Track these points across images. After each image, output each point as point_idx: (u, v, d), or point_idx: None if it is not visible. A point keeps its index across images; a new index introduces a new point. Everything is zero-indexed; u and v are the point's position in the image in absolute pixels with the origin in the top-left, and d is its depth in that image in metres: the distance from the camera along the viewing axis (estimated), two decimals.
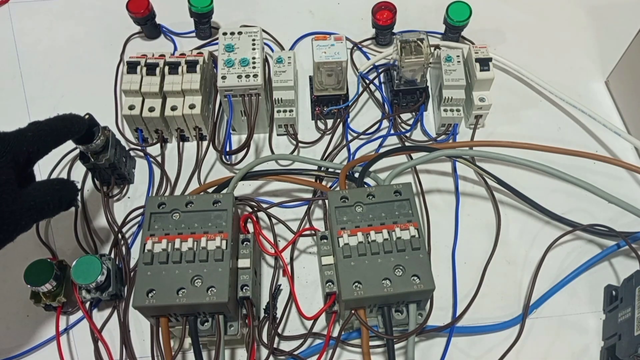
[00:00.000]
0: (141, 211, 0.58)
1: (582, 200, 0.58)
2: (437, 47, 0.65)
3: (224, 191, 0.54)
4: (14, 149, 0.43)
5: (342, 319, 0.49)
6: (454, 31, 0.68)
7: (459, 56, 0.61)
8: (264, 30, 0.69)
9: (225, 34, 0.59)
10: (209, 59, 0.63)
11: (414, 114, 0.65)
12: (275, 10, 0.74)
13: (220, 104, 0.64)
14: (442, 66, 0.60)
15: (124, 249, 0.55)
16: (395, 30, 0.68)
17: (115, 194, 0.60)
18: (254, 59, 0.57)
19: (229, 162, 0.61)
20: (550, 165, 0.54)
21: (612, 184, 0.59)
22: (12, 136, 0.44)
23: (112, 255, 0.55)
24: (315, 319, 0.51)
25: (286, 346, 0.51)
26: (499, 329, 0.53)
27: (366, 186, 0.52)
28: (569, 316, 0.54)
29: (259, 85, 0.56)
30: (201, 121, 0.60)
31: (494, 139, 0.59)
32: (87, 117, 0.51)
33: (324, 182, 0.59)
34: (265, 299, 0.53)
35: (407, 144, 0.63)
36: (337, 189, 0.54)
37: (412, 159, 0.61)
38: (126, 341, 0.51)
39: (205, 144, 0.61)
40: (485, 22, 0.71)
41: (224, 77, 0.56)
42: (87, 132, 0.51)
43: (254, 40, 0.59)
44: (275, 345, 0.51)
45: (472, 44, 0.69)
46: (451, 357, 0.52)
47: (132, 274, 0.54)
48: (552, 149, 0.55)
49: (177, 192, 0.60)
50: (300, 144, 0.63)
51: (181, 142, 0.63)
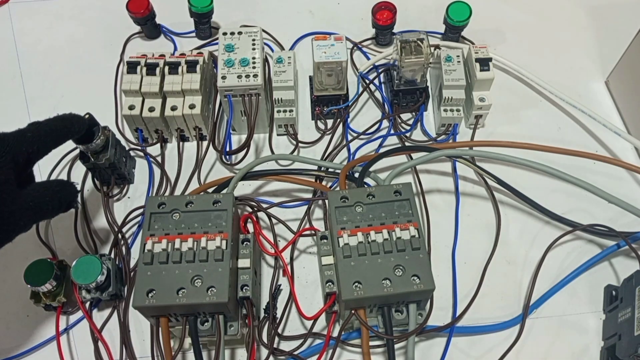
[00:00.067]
0: (141, 211, 0.58)
1: (582, 200, 0.58)
2: (437, 47, 0.65)
3: (224, 191, 0.54)
4: (14, 150, 0.43)
5: (342, 319, 0.49)
6: (454, 31, 0.68)
7: (459, 56, 0.61)
8: (264, 30, 0.69)
9: (225, 34, 0.59)
10: (209, 59, 0.63)
11: (414, 114, 0.65)
12: (275, 10, 0.74)
13: (220, 104, 0.64)
14: (442, 66, 0.60)
15: (124, 249, 0.55)
16: (395, 30, 0.68)
17: (115, 194, 0.60)
18: (254, 59, 0.57)
19: (229, 162, 0.61)
20: (550, 165, 0.54)
21: (612, 184, 0.59)
22: (11, 137, 0.44)
23: (112, 255, 0.55)
24: (315, 319, 0.51)
25: (286, 346, 0.51)
26: (499, 329, 0.53)
27: (366, 186, 0.52)
28: (569, 316, 0.54)
29: (259, 85, 0.56)
30: (201, 121, 0.60)
31: (494, 139, 0.59)
32: (87, 116, 0.51)
33: (324, 182, 0.59)
34: (265, 299, 0.53)
35: (407, 144, 0.63)
36: (337, 189, 0.54)
37: (412, 159, 0.61)
38: (126, 341, 0.51)
39: (205, 144, 0.61)
40: (485, 22, 0.71)
41: (224, 77, 0.56)
42: (87, 131, 0.51)
43: (254, 40, 0.59)
44: (275, 345, 0.51)
45: (472, 44, 0.69)
46: (451, 357, 0.52)
47: (132, 274, 0.54)
48: (552, 149, 0.55)
49: (177, 192, 0.60)
50: (300, 144, 0.63)
51: (181, 142, 0.63)
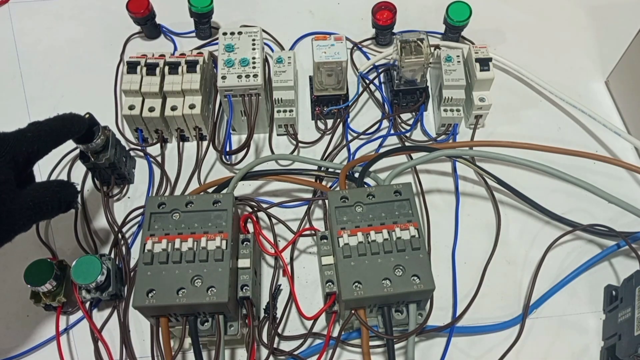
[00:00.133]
0: (141, 211, 0.58)
1: (582, 200, 0.58)
2: (437, 47, 0.65)
3: (224, 191, 0.54)
4: (14, 150, 0.43)
5: (342, 319, 0.49)
6: (454, 31, 0.68)
7: (459, 56, 0.61)
8: (264, 30, 0.69)
9: (225, 34, 0.59)
10: (209, 59, 0.63)
11: (414, 114, 0.65)
12: (275, 10, 0.74)
13: (220, 104, 0.64)
14: (442, 66, 0.60)
15: (124, 249, 0.55)
16: (395, 30, 0.68)
17: (115, 193, 0.60)
18: (254, 59, 0.57)
19: (229, 162, 0.61)
20: (550, 165, 0.54)
21: (612, 184, 0.59)
22: (11, 136, 0.44)
23: (112, 255, 0.55)
24: (315, 319, 0.51)
25: (286, 346, 0.51)
26: (499, 329, 0.53)
27: (366, 186, 0.52)
28: (569, 316, 0.54)
29: (259, 85, 0.56)
30: (201, 121, 0.60)
31: (494, 139, 0.59)
32: (87, 116, 0.51)
33: (324, 182, 0.59)
34: (265, 299, 0.53)
35: (407, 144, 0.63)
36: (337, 189, 0.54)
37: (412, 159, 0.61)
38: (126, 341, 0.51)
39: (205, 144, 0.61)
40: (485, 22, 0.71)
41: (224, 77, 0.56)
42: (88, 131, 0.51)
43: (254, 40, 0.59)
44: (275, 345, 0.51)
45: (472, 44, 0.69)
46: (451, 357, 0.52)
47: (132, 274, 0.54)
48: (552, 149, 0.55)
49: (177, 192, 0.60)
50: (300, 144, 0.63)
51: (181, 142, 0.63)
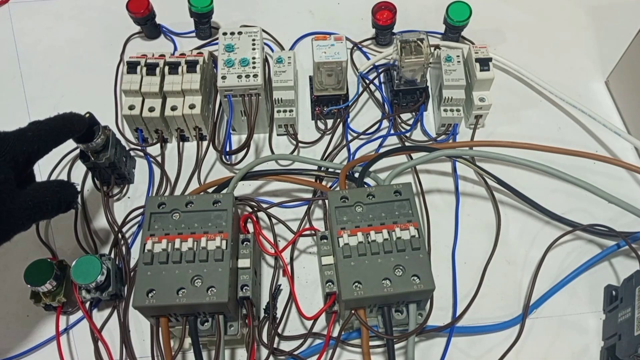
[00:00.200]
0: (141, 211, 0.58)
1: (582, 200, 0.58)
2: (437, 47, 0.65)
3: (224, 191, 0.54)
4: (14, 149, 0.43)
5: (342, 319, 0.49)
6: (454, 31, 0.68)
7: (459, 56, 0.61)
8: (264, 30, 0.69)
9: (225, 34, 0.59)
10: (209, 59, 0.63)
11: (414, 114, 0.65)
12: (275, 10, 0.74)
13: (220, 104, 0.64)
14: (442, 66, 0.60)
15: (124, 249, 0.55)
16: (395, 30, 0.68)
17: (115, 193, 0.60)
18: (254, 59, 0.57)
19: (229, 162, 0.61)
20: (550, 165, 0.54)
21: (612, 184, 0.59)
22: (12, 136, 0.44)
23: (112, 255, 0.55)
24: (315, 319, 0.51)
25: (286, 346, 0.51)
26: (499, 329, 0.53)
27: (366, 186, 0.52)
28: (569, 316, 0.54)
29: (259, 85, 0.56)
30: (201, 121, 0.60)
31: (494, 139, 0.59)
32: (88, 115, 0.51)
33: (324, 182, 0.59)
34: (265, 299, 0.53)
35: (407, 144, 0.63)
36: (337, 189, 0.54)
37: (412, 159, 0.61)
38: (126, 341, 0.51)
39: (205, 144, 0.61)
40: (485, 22, 0.71)
41: (224, 77, 0.56)
42: (88, 130, 0.51)
43: (254, 40, 0.59)
44: (275, 345, 0.51)
45: (472, 44, 0.69)
46: (451, 357, 0.52)
47: (132, 274, 0.54)
48: (552, 149, 0.55)
49: (177, 192, 0.60)
50: (300, 144, 0.63)
51: (181, 142, 0.63)
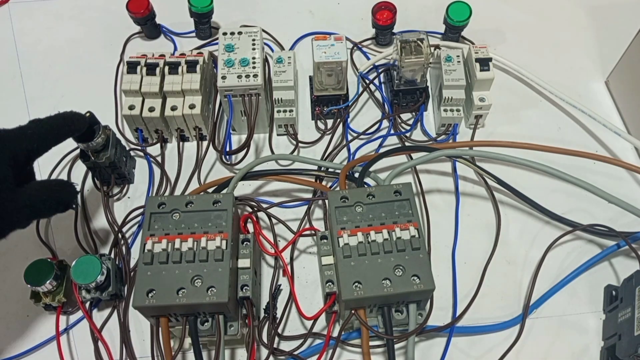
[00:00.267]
0: (141, 211, 0.58)
1: (582, 200, 0.58)
2: (437, 47, 0.65)
3: (224, 191, 0.54)
4: (13, 147, 0.43)
5: (342, 319, 0.49)
6: (454, 31, 0.68)
7: (459, 56, 0.61)
8: (264, 30, 0.69)
9: (225, 34, 0.59)
10: (209, 59, 0.63)
11: (414, 114, 0.65)
12: (275, 10, 0.74)
13: (220, 104, 0.64)
14: (442, 66, 0.60)
15: (124, 249, 0.55)
16: (395, 30, 0.68)
17: (115, 193, 0.60)
18: (254, 59, 0.57)
19: (229, 162, 0.61)
20: (550, 165, 0.54)
21: (612, 184, 0.59)
22: (11, 134, 0.44)
23: (112, 255, 0.55)
24: (315, 319, 0.51)
25: (286, 346, 0.51)
26: (499, 329, 0.53)
27: (366, 186, 0.52)
28: (569, 316, 0.54)
29: (259, 85, 0.56)
30: (201, 121, 0.60)
31: (494, 139, 0.59)
32: (88, 115, 0.51)
33: (324, 182, 0.59)
34: (265, 299, 0.53)
35: (407, 144, 0.63)
36: (337, 189, 0.54)
37: (412, 159, 0.61)
38: (126, 341, 0.51)
39: (205, 144, 0.61)
40: (485, 22, 0.71)
41: (224, 77, 0.56)
42: (88, 130, 0.51)
43: (254, 40, 0.59)
44: (275, 345, 0.51)
45: (472, 44, 0.69)
46: (451, 357, 0.52)
47: (132, 274, 0.54)
48: (552, 149, 0.55)
49: (177, 192, 0.60)
50: (300, 144, 0.63)
51: (181, 142, 0.63)
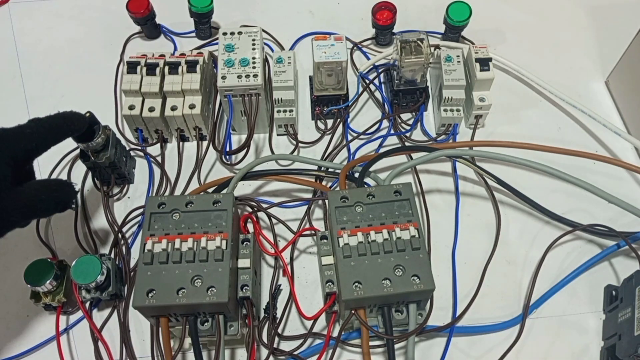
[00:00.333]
0: (141, 211, 0.58)
1: (582, 200, 0.58)
2: (437, 47, 0.65)
3: (224, 191, 0.54)
4: (12, 146, 0.43)
5: (342, 319, 0.49)
6: (454, 31, 0.68)
7: (459, 56, 0.61)
8: (264, 30, 0.69)
9: (225, 34, 0.59)
10: (209, 59, 0.63)
11: (414, 114, 0.65)
12: (275, 10, 0.74)
13: (220, 104, 0.64)
14: (442, 66, 0.60)
15: (124, 249, 0.55)
16: (395, 30, 0.68)
17: (115, 193, 0.60)
18: (254, 59, 0.57)
19: (229, 162, 0.61)
20: (550, 165, 0.54)
21: (612, 184, 0.59)
22: (10, 133, 0.44)
23: (112, 255, 0.55)
24: (315, 319, 0.51)
25: (286, 346, 0.51)
26: (499, 329, 0.53)
27: (366, 186, 0.52)
28: (569, 316, 0.54)
29: (259, 85, 0.56)
30: (201, 121, 0.60)
31: (494, 139, 0.58)
32: (88, 115, 0.51)
33: (324, 182, 0.59)
34: (265, 299, 0.53)
35: (407, 144, 0.63)
36: (337, 189, 0.54)
37: (412, 159, 0.61)
38: (126, 341, 0.51)
39: (205, 144, 0.61)
40: (485, 22, 0.71)
41: (224, 77, 0.56)
42: (88, 130, 0.51)
43: (254, 40, 0.59)
44: (275, 345, 0.51)
45: (472, 44, 0.69)
46: (451, 357, 0.52)
47: (132, 274, 0.54)
48: (552, 149, 0.55)
49: (177, 192, 0.60)
50: (300, 144, 0.63)
51: (181, 142, 0.63)
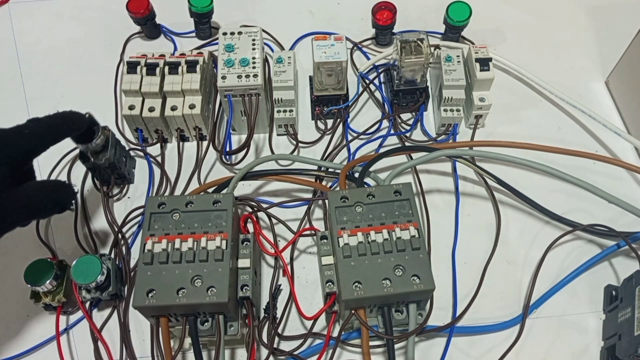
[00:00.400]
0: (141, 211, 0.58)
1: (582, 200, 0.58)
2: (437, 47, 0.65)
3: (224, 191, 0.54)
4: (11, 146, 0.43)
5: (342, 319, 0.49)
6: (454, 31, 0.68)
7: (459, 56, 0.61)
8: (264, 30, 0.69)
9: (225, 34, 0.59)
10: (209, 59, 0.63)
11: (414, 114, 0.65)
12: (275, 10, 0.74)
13: (220, 104, 0.64)
14: (442, 66, 0.60)
15: (124, 249, 0.55)
16: (395, 30, 0.68)
17: (115, 193, 0.60)
18: (254, 59, 0.57)
19: (229, 162, 0.61)
20: (550, 165, 0.54)
21: (612, 184, 0.59)
22: (9, 133, 0.44)
23: (112, 255, 0.55)
24: (315, 319, 0.51)
25: (286, 346, 0.51)
26: (499, 329, 0.53)
27: (366, 186, 0.52)
28: (569, 316, 0.54)
29: (259, 85, 0.56)
30: (201, 121, 0.60)
31: (494, 139, 0.58)
32: (88, 115, 0.51)
33: (324, 182, 0.59)
34: (265, 299, 0.53)
35: (407, 144, 0.63)
36: (337, 189, 0.54)
37: (412, 159, 0.61)
38: (126, 341, 0.51)
39: (205, 144, 0.61)
40: (485, 22, 0.71)
41: (224, 77, 0.56)
42: (87, 131, 0.51)
43: (254, 40, 0.59)
44: (275, 345, 0.51)
45: (472, 44, 0.69)
46: (451, 357, 0.52)
47: (132, 274, 0.54)
48: (552, 149, 0.55)
49: (177, 192, 0.60)
50: (300, 144, 0.63)
51: (181, 142, 0.63)
